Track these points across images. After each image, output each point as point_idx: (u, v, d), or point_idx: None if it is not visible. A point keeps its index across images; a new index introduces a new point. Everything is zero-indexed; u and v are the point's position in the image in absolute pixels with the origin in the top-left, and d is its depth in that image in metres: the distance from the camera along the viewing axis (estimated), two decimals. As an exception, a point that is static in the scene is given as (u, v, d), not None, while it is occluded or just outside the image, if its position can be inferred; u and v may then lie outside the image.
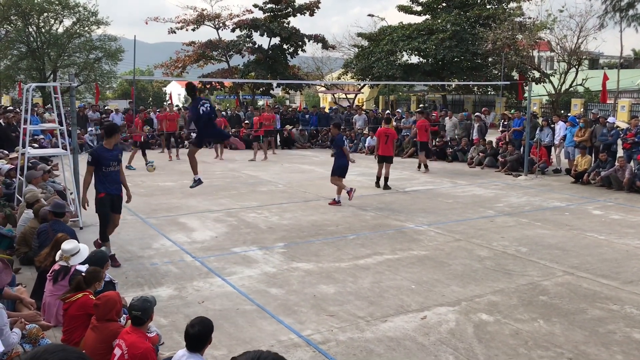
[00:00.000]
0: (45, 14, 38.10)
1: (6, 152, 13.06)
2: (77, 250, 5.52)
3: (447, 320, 5.83)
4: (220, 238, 9.02)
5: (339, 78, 40.44)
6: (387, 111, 26.43)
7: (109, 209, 7.53)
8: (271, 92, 40.01)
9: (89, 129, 21.65)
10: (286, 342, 5.34)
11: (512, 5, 35.93)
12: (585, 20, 29.54)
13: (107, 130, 7.73)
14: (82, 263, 5.50)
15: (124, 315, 4.94)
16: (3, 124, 15.62)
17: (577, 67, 30.61)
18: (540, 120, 17.72)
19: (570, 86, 31.22)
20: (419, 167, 16.86)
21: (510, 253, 8.22)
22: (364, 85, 38.97)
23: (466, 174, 16.20)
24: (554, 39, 30.69)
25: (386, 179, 13.44)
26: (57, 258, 5.59)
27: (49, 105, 24.79)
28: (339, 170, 11.61)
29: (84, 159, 13.22)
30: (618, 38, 33.00)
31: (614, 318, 5.89)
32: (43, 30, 38.51)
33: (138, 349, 4.09)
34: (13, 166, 10.90)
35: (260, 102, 40.88)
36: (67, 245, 5.56)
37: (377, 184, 13.56)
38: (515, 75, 33.81)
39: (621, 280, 7.05)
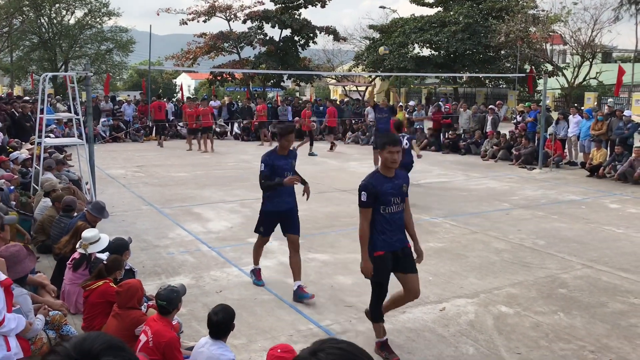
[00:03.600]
0: (57, 5, 38.24)
1: (22, 141, 13.14)
2: (97, 238, 5.52)
3: (467, 312, 5.80)
4: (236, 228, 9.02)
5: (349, 70, 40.31)
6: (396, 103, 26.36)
7: (391, 271, 4.87)
8: (282, 84, 39.94)
9: (102, 119, 21.71)
10: (305, 332, 5.33)
11: (526, -3, 35.58)
12: (600, 13, 29.24)
13: (382, 143, 4.69)
14: (103, 251, 5.51)
15: (145, 304, 4.96)
16: (17, 114, 15.69)
17: (591, 60, 30.30)
18: (554, 114, 17.59)
19: (584, 80, 30.94)
20: (331, 148, 19.54)
21: (528, 246, 8.16)
22: (375, 77, 38.83)
23: (480, 167, 16.10)
24: (568, 31, 30.39)
25: None
26: (77, 246, 5.60)
27: (59, 96, 24.94)
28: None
29: (98, 149, 13.35)
30: (633, 31, 32.62)
31: (635, 312, 5.83)
32: (55, 21, 38.68)
33: (163, 337, 4.09)
34: (29, 156, 10.95)
35: (271, 95, 40.82)
36: (87, 233, 5.57)
37: None
38: (528, 68, 33.56)
39: (641, 274, 6.98)
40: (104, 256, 5.38)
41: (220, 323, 4.01)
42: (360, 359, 1.39)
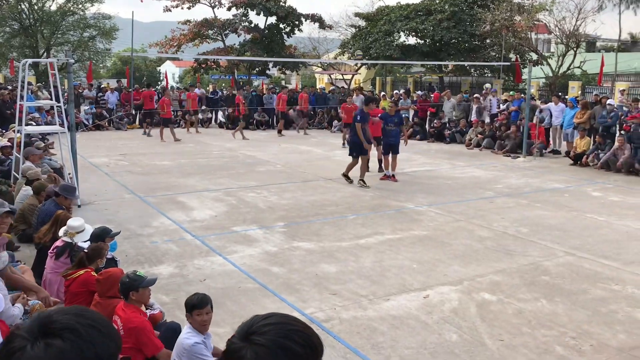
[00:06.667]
0: (38, -9, 37.56)
1: (3, 130, 12.93)
2: (83, 228, 5.46)
3: (450, 300, 5.83)
4: (220, 217, 8.97)
5: (335, 58, 40.12)
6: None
7: None
8: (267, 72, 39.68)
9: (84, 107, 21.44)
10: (289, 320, 5.32)
11: (511, -14, 35.54)
12: (585, 2, 29.35)
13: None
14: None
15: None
16: (-2, 102, 15.43)
17: (575, 49, 30.44)
18: (538, 102, 17.67)
19: (568, 69, 31.11)
20: (280, 132, 20.44)
21: (511, 234, 8.21)
22: (361, 66, 38.70)
23: (464, 156, 16.16)
24: (553, 20, 30.49)
25: (380, 160, 13.08)
26: (61, 234, 5.53)
27: (41, 84, 24.55)
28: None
29: (81, 137, 13.19)
30: (616, 21, 32.81)
31: (616, 298, 5.90)
32: (36, 7, 37.97)
33: (132, 322, 4.08)
34: (9, 143, 10.78)
35: (256, 83, 40.55)
36: (74, 222, 5.50)
37: (380, 168, 13.20)
38: (513, 57, 33.65)
39: (622, 261, 7.06)
40: (85, 245, 5.31)
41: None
42: (294, 324, 1.32)
